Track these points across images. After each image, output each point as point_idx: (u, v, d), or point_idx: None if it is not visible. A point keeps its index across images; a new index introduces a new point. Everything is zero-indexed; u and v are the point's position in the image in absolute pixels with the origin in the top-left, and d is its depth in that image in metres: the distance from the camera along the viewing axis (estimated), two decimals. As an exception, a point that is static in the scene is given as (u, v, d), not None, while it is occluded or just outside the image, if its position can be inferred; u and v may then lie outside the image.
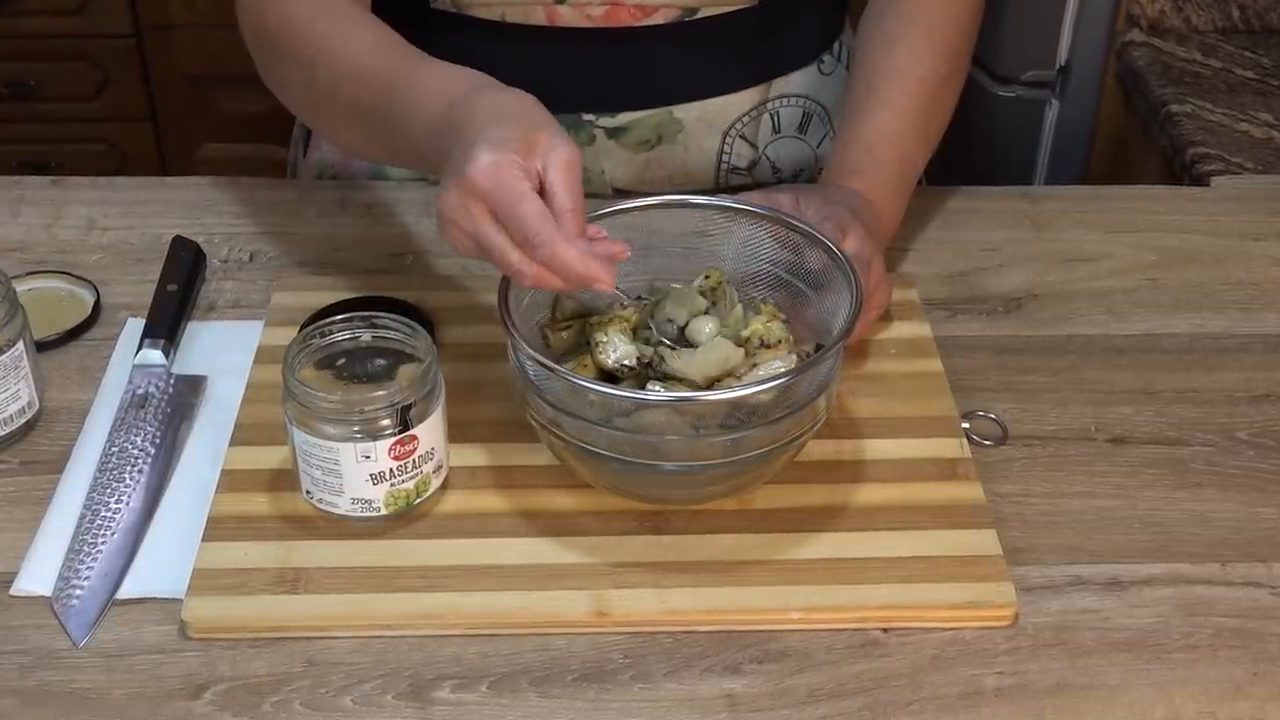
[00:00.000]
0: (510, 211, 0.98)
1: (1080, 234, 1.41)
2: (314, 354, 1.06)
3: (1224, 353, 1.26)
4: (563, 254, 0.98)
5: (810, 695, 0.97)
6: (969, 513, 1.08)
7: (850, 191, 1.24)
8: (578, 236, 0.99)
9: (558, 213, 0.98)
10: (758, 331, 1.05)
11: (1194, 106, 1.91)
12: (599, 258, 0.99)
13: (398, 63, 1.14)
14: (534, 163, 0.99)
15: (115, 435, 1.15)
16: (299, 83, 1.22)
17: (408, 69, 1.13)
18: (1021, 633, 1.01)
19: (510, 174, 0.98)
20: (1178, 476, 1.14)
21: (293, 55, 1.20)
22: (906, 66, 1.31)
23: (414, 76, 1.11)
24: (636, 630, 1.01)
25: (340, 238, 1.38)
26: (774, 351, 1.05)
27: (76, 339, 1.25)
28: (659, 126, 1.39)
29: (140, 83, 2.80)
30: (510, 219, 0.98)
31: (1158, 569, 1.06)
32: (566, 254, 0.98)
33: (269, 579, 1.03)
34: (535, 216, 0.98)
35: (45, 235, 1.38)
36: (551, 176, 0.99)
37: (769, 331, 1.06)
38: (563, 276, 0.99)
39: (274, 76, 1.25)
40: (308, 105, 1.25)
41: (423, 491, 1.06)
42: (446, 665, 0.99)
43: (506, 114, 1.02)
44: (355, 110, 1.16)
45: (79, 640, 1.00)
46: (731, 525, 1.07)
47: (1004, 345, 1.27)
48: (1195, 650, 1.00)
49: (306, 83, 1.20)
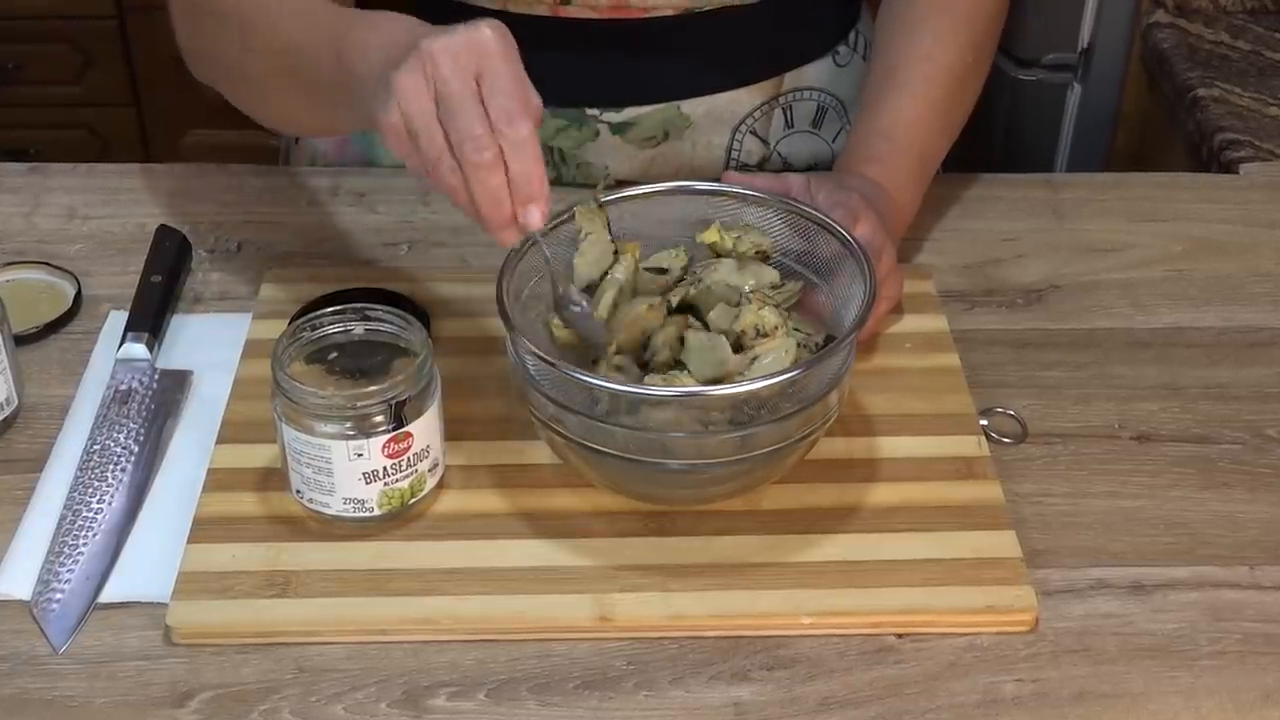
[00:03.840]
0: (505, 82, 0.96)
1: (1103, 223, 1.41)
2: (304, 348, 1.06)
3: (1253, 347, 1.26)
4: (534, 149, 0.96)
5: (822, 704, 0.97)
6: (987, 513, 1.08)
7: (866, 179, 1.24)
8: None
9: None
10: (750, 323, 1.05)
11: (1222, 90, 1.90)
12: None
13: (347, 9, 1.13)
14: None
15: (97, 433, 1.15)
16: (229, 38, 1.19)
17: (351, 14, 1.11)
18: (1042, 638, 1.01)
19: (516, 56, 0.97)
20: (1205, 476, 1.14)
21: (226, 11, 1.19)
22: (931, 54, 1.31)
23: (359, 18, 1.10)
24: (640, 636, 1.01)
25: (332, 227, 1.38)
26: (771, 340, 1.04)
27: (57, 332, 1.25)
28: (666, 122, 1.39)
29: (123, 66, 2.80)
30: (501, 90, 0.96)
31: (1184, 572, 1.06)
32: (537, 151, 0.96)
33: (257, 582, 1.03)
34: (526, 102, 0.96)
35: (24, 224, 1.38)
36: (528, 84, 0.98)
37: (762, 320, 1.05)
38: (519, 169, 0.96)
39: (202, 45, 1.24)
40: (238, 65, 1.21)
41: (418, 491, 1.07)
42: (442, 672, 0.99)
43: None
44: (294, 63, 1.13)
45: (59, 646, 1.00)
46: (739, 526, 1.07)
47: (1024, 339, 1.27)
48: (1223, 657, 1.00)
49: (239, 34, 1.18)
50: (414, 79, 0.97)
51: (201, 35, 1.24)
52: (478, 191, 0.96)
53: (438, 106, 0.96)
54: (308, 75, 1.13)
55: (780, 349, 1.04)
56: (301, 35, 1.13)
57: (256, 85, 1.22)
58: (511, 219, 0.98)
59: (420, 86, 0.96)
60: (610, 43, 1.34)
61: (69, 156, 1.56)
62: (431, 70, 0.96)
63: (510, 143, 0.96)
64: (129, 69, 2.80)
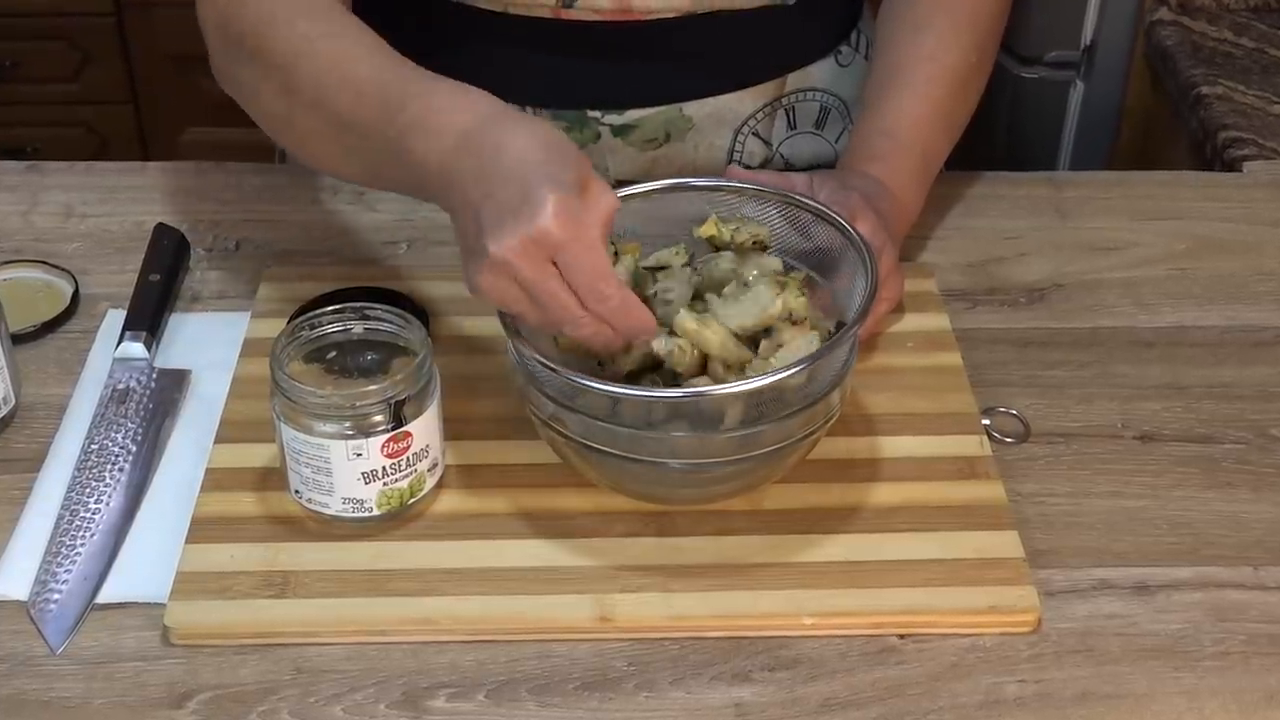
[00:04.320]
0: (581, 262, 0.96)
1: (1106, 221, 1.41)
2: (303, 347, 1.06)
3: (1257, 346, 1.26)
4: (633, 303, 0.99)
5: (823, 704, 0.97)
6: (989, 513, 1.08)
7: (868, 177, 1.24)
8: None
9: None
10: (789, 307, 1.04)
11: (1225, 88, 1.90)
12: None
13: (397, 74, 1.07)
14: (589, 210, 0.97)
15: (95, 432, 1.15)
16: (271, 87, 1.13)
17: (411, 83, 1.05)
18: (1045, 639, 1.01)
19: (582, 221, 0.96)
20: (1208, 475, 1.14)
21: (267, 55, 1.12)
22: (935, 54, 1.31)
23: (419, 92, 1.04)
24: (641, 636, 1.01)
25: (331, 225, 1.38)
26: (801, 330, 1.04)
27: (54, 331, 1.25)
28: (668, 124, 1.39)
29: (121, 63, 2.80)
30: (579, 270, 0.96)
31: (1187, 572, 1.06)
32: (636, 303, 0.99)
33: (256, 583, 1.03)
34: (606, 266, 0.97)
35: (21, 223, 1.38)
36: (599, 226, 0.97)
37: (798, 306, 1.05)
38: (626, 327, 0.99)
39: (238, 77, 1.17)
40: (280, 113, 1.14)
41: (417, 491, 1.06)
42: (442, 673, 0.99)
43: (548, 145, 0.98)
44: (340, 123, 1.08)
45: (56, 647, 1.00)
46: (741, 526, 1.07)
47: (1026, 338, 1.27)
48: (1227, 657, 1.00)
49: (282, 87, 1.11)
50: (494, 280, 0.98)
51: (235, 66, 1.17)
52: (594, 345, 1.02)
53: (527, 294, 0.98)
54: (355, 143, 1.09)
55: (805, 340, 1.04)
56: (349, 107, 1.07)
57: (300, 137, 1.15)
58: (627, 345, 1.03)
59: (503, 285, 0.98)
60: (612, 45, 1.34)
61: (67, 154, 1.56)
62: (510, 272, 0.97)
63: (608, 312, 0.98)
64: (127, 66, 2.81)
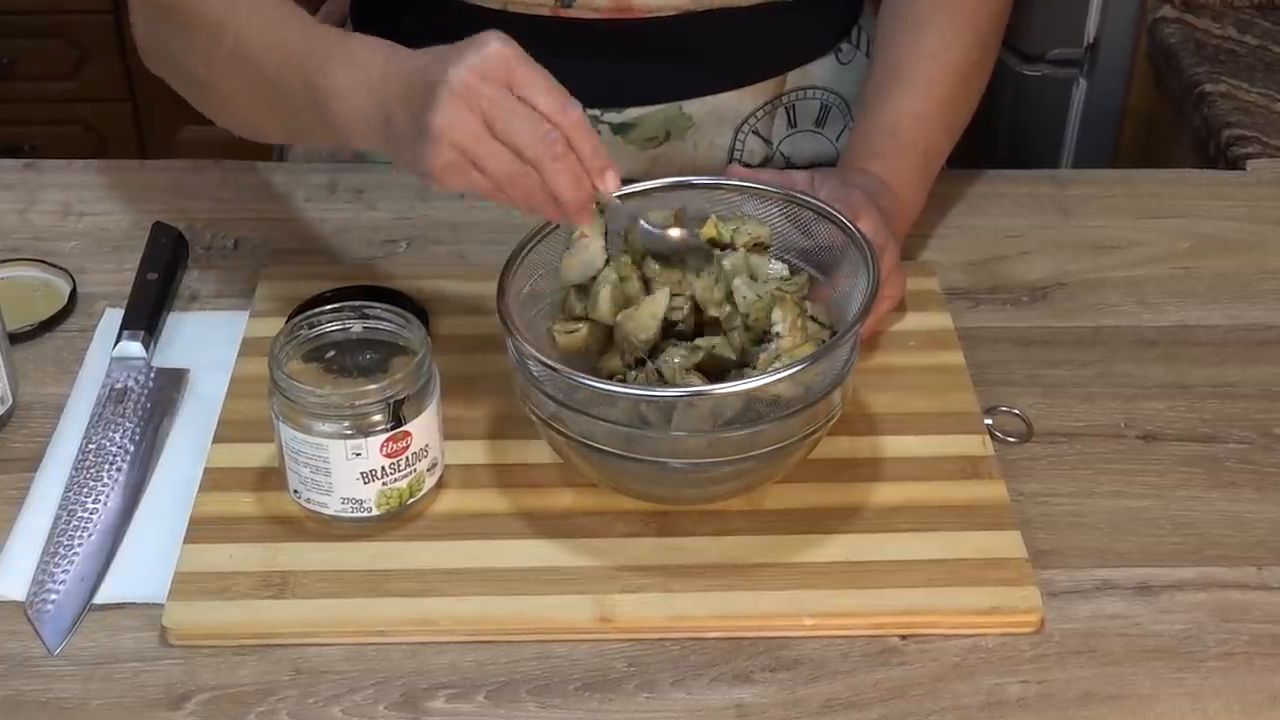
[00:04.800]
0: (538, 79, 1.00)
1: (1109, 220, 1.41)
2: (302, 346, 1.06)
3: (1261, 345, 1.26)
4: (588, 132, 1.00)
5: (825, 705, 0.97)
6: (992, 513, 1.08)
7: (869, 175, 1.24)
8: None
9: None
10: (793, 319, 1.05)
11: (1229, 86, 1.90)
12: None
13: (318, 30, 1.12)
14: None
15: (92, 432, 1.15)
16: (196, 50, 1.18)
17: (332, 36, 1.11)
18: (1047, 640, 1.01)
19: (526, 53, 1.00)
20: (1212, 475, 1.14)
21: (194, 22, 1.17)
22: (936, 52, 1.31)
23: (340, 40, 1.09)
24: (641, 637, 1.01)
25: (329, 223, 1.38)
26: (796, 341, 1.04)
27: (52, 330, 1.25)
28: (668, 123, 1.39)
29: (119, 61, 2.80)
30: (538, 86, 1.00)
31: (1191, 573, 1.06)
32: (590, 133, 1.00)
33: (254, 583, 1.03)
34: (560, 87, 1.00)
35: (19, 221, 1.38)
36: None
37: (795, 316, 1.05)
38: (591, 146, 1.00)
39: (165, 48, 1.23)
40: (203, 78, 1.20)
41: (416, 491, 1.06)
42: (441, 674, 0.99)
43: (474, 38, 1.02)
44: (263, 79, 1.13)
45: (54, 648, 1.00)
46: (742, 526, 1.07)
47: (1029, 337, 1.27)
48: (1230, 658, 1.00)
49: (205, 50, 1.17)
50: (456, 113, 0.98)
51: (163, 36, 1.23)
52: (559, 182, 1.00)
53: (489, 127, 0.99)
54: (277, 102, 1.13)
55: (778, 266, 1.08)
56: (270, 61, 1.12)
57: (220, 95, 1.21)
58: (591, 194, 1.02)
59: (465, 117, 0.98)
60: (612, 43, 1.34)
61: (64, 152, 1.56)
62: (470, 98, 0.98)
63: (571, 127, 1.00)
64: (125, 64, 2.80)
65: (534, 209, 1.02)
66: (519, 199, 1.01)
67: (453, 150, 0.99)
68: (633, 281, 1.08)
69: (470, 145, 0.99)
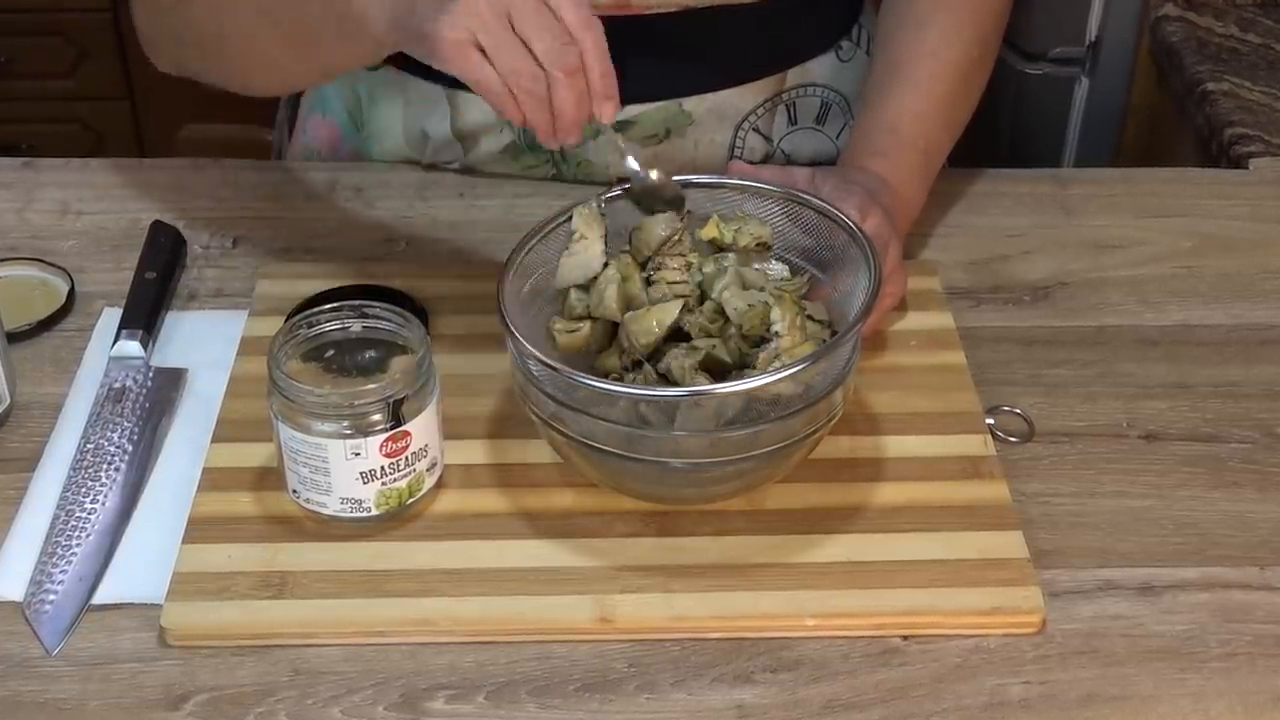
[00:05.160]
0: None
1: (1111, 219, 1.41)
2: (301, 345, 1.06)
3: (1264, 344, 1.26)
4: (603, 55, 1.00)
5: (826, 706, 0.97)
6: (993, 513, 1.08)
7: (870, 173, 1.24)
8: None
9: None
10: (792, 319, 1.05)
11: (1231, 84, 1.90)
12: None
13: None
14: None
15: (91, 431, 1.15)
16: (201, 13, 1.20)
17: None
18: (1049, 640, 1.01)
19: None
20: (1214, 475, 1.14)
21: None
22: (937, 50, 1.31)
23: None
24: (642, 637, 1.01)
25: (329, 222, 1.38)
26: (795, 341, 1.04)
27: (50, 330, 1.25)
28: (667, 120, 1.39)
29: (117, 59, 2.80)
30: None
31: (1193, 573, 1.06)
32: (605, 57, 1.00)
33: (253, 583, 1.03)
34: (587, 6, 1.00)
35: (17, 220, 1.38)
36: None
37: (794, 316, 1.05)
38: (602, 61, 1.00)
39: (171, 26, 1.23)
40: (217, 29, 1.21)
41: (416, 491, 1.06)
42: (441, 675, 0.99)
43: None
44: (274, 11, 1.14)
45: (52, 648, 1.00)
46: (742, 526, 1.07)
47: (1031, 336, 1.26)
48: (1233, 659, 1.00)
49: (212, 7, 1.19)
50: (472, 6, 0.98)
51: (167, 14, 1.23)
52: (563, 96, 1.00)
53: (511, 22, 0.99)
54: (292, 24, 1.13)
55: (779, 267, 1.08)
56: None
57: (234, 47, 1.21)
58: (586, 117, 1.02)
59: (481, 11, 0.98)
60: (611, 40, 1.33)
61: (62, 151, 1.56)
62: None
63: (589, 46, 1.00)
64: (123, 62, 2.80)
65: (527, 118, 1.01)
66: (517, 101, 1.01)
67: (468, 29, 0.99)
68: (634, 281, 1.08)
69: (488, 29, 0.99)
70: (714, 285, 1.08)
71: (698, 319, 1.07)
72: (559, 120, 1.01)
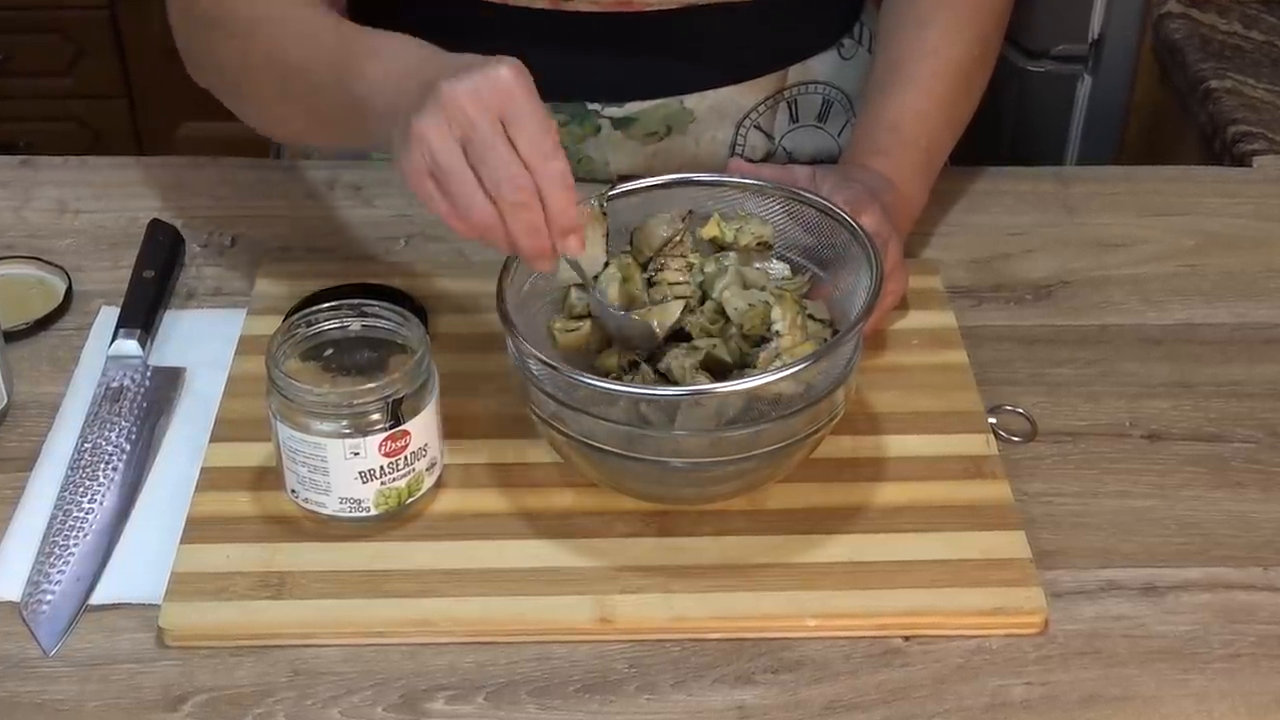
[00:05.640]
0: (532, 120, 0.97)
1: (1114, 217, 1.41)
2: (299, 344, 1.06)
3: (1267, 344, 1.26)
4: (569, 180, 0.98)
5: (827, 707, 0.97)
6: (996, 513, 1.08)
7: (872, 171, 1.24)
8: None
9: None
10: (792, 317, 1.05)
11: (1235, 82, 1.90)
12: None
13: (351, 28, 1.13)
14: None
15: (88, 431, 1.15)
16: (232, 52, 1.20)
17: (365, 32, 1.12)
18: (1051, 641, 1.01)
19: (535, 92, 0.98)
20: (1217, 475, 1.14)
21: (227, 24, 1.19)
22: (938, 48, 1.31)
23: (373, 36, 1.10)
24: (642, 638, 1.01)
25: (327, 221, 1.38)
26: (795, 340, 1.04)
27: (47, 329, 1.25)
28: (668, 117, 1.39)
29: (115, 57, 2.80)
30: (528, 125, 0.97)
31: (1196, 573, 1.06)
32: (565, 191, 0.98)
33: (252, 583, 1.03)
34: (553, 136, 0.98)
35: (14, 218, 1.38)
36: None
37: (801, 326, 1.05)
38: (561, 204, 0.98)
39: (201, 48, 1.24)
40: (239, 75, 1.22)
41: (415, 490, 1.06)
42: (440, 675, 0.99)
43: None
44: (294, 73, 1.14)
45: (50, 649, 1.00)
46: (743, 526, 1.07)
47: (1033, 335, 1.26)
48: (1236, 659, 1.00)
49: (241, 51, 1.19)
50: (436, 124, 0.97)
51: (202, 44, 1.24)
52: (516, 229, 0.99)
53: (464, 149, 0.97)
54: (310, 99, 1.14)
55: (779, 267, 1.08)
56: (303, 58, 1.13)
57: (258, 100, 1.22)
58: (549, 248, 1.00)
59: (444, 132, 0.97)
60: (612, 37, 1.34)
61: (60, 149, 1.56)
62: (455, 114, 0.97)
63: (546, 179, 0.98)
64: (121, 60, 2.80)
65: (488, 243, 1.00)
66: (475, 229, 0.99)
67: (423, 159, 0.98)
68: (635, 281, 1.09)
69: (440, 160, 0.98)
70: (714, 285, 1.08)
71: (698, 319, 1.07)
72: (519, 252, 1.00)
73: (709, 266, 1.10)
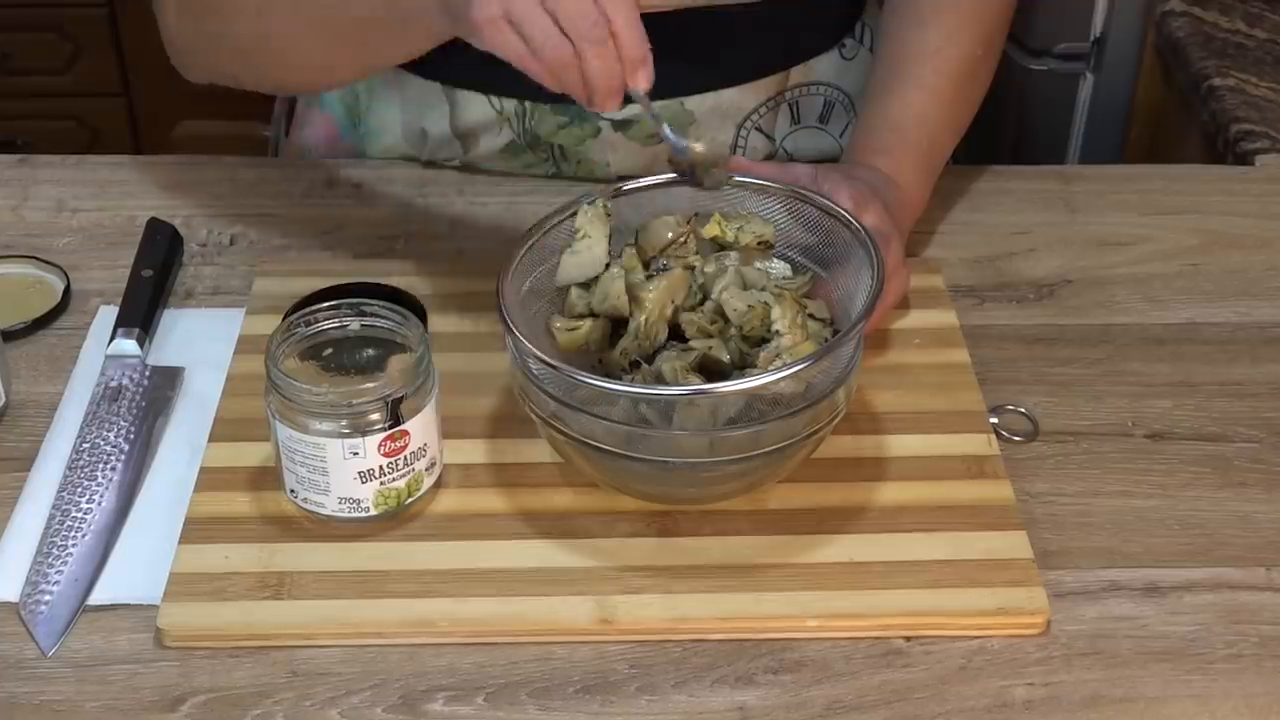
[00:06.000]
0: None
1: (1116, 216, 1.41)
2: (298, 344, 1.06)
3: (1270, 343, 1.26)
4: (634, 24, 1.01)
5: (828, 708, 0.97)
6: (998, 513, 1.08)
7: (874, 170, 1.24)
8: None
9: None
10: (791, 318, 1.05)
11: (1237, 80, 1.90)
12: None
13: None
14: None
15: (87, 430, 1.14)
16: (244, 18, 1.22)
17: None
18: (1054, 641, 1.01)
19: None
20: (1220, 475, 1.14)
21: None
22: (941, 49, 1.31)
23: None
24: (642, 639, 1.01)
25: (326, 220, 1.38)
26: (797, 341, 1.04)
27: (45, 328, 1.25)
28: (669, 119, 1.38)
29: (113, 55, 2.80)
30: None
31: (1199, 573, 1.06)
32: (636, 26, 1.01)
33: (250, 584, 1.03)
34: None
35: (12, 217, 1.38)
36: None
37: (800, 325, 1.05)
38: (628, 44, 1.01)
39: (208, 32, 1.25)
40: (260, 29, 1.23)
41: (414, 490, 1.06)
42: (440, 676, 0.99)
43: None
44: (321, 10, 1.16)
45: (48, 649, 1.00)
46: (744, 527, 1.07)
47: (1035, 335, 1.26)
48: (1239, 660, 1.00)
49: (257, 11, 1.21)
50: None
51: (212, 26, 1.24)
52: (594, 66, 1.01)
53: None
54: (342, 24, 1.16)
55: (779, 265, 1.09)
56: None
57: (277, 48, 1.23)
58: (621, 85, 1.03)
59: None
60: None
61: (58, 148, 1.56)
62: None
63: (620, 15, 1.00)
64: (119, 58, 2.80)
65: (562, 84, 1.03)
66: (551, 69, 1.02)
67: (498, 5, 1.00)
68: (639, 275, 1.08)
69: (514, 3, 1.00)
70: (714, 285, 1.08)
71: (697, 319, 1.07)
72: (591, 90, 1.02)
73: (709, 266, 1.10)
